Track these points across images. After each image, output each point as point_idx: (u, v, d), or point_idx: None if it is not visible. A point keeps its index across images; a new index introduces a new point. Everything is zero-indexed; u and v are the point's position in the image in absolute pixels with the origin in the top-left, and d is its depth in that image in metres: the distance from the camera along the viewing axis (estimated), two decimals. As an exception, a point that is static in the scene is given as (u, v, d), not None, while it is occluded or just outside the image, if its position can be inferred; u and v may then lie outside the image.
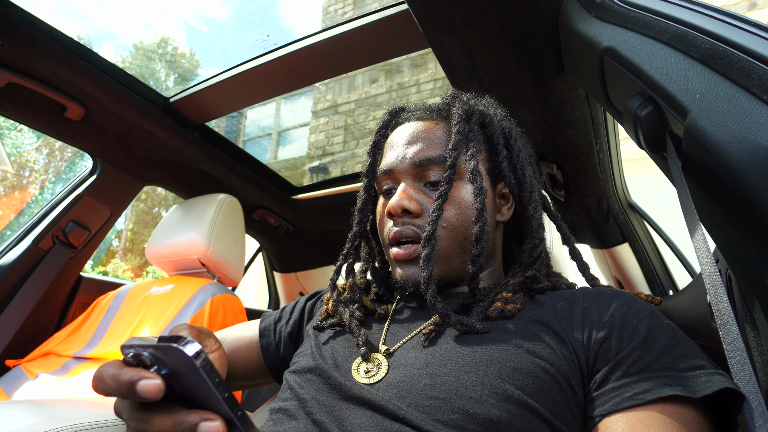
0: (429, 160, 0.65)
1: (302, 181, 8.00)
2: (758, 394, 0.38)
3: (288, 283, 2.34)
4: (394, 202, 0.63)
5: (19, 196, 12.25)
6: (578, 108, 0.99)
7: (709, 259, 0.43)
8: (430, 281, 0.58)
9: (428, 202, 0.64)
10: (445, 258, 0.62)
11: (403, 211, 0.64)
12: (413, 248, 0.63)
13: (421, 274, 0.58)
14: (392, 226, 0.65)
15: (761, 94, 0.39)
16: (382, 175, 0.69)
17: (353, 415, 0.50)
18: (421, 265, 0.59)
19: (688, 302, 0.98)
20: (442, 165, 0.64)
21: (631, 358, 0.47)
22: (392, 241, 0.65)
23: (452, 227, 0.62)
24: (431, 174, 0.65)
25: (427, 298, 0.57)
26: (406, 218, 0.64)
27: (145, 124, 1.41)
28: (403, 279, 0.63)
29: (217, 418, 0.33)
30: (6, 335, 1.31)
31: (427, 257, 0.59)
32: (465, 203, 0.63)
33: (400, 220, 0.64)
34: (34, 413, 0.65)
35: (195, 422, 0.33)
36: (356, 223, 0.71)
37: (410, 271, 0.63)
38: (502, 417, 0.45)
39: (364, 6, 8.23)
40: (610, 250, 1.60)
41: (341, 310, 0.66)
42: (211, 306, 1.25)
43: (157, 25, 27.56)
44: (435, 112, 0.71)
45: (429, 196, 0.65)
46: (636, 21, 0.57)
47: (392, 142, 0.70)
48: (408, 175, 0.66)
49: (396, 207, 0.63)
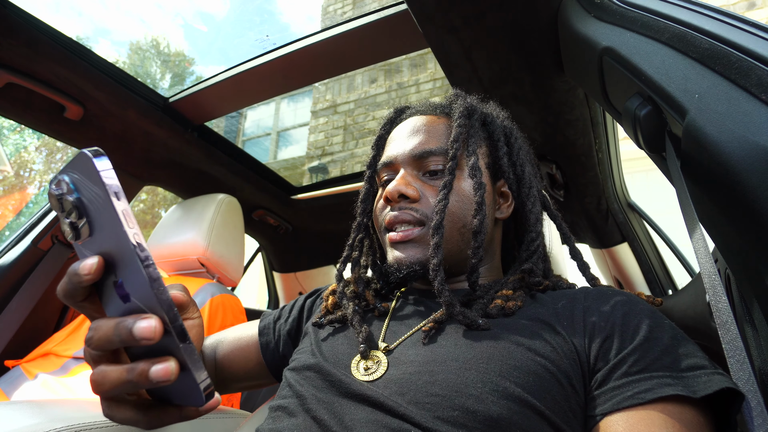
0: (429, 152, 0.66)
1: (301, 181, 8.00)
2: (757, 394, 0.38)
3: (287, 283, 2.34)
4: (391, 187, 0.64)
5: (18, 196, 12.25)
6: (577, 108, 0.99)
7: (708, 258, 0.43)
8: (438, 269, 0.58)
9: (426, 190, 0.65)
10: (445, 243, 0.63)
11: (400, 196, 0.64)
12: (410, 230, 0.63)
13: (431, 261, 0.59)
14: (389, 211, 0.65)
15: (760, 93, 0.40)
16: (382, 167, 0.70)
17: (353, 411, 0.50)
18: (431, 253, 0.59)
19: (688, 302, 0.98)
20: (441, 156, 0.65)
21: (632, 358, 0.47)
22: (388, 226, 0.66)
23: (451, 214, 0.63)
24: (430, 164, 0.66)
25: (434, 285, 0.57)
26: (403, 203, 0.64)
27: (145, 124, 1.41)
28: (397, 260, 0.63)
29: (150, 317, 0.33)
30: (5, 335, 1.31)
31: (436, 245, 0.59)
32: (465, 194, 0.64)
33: (396, 205, 0.65)
34: (33, 414, 0.65)
35: (130, 324, 0.33)
36: (359, 213, 0.73)
37: (404, 252, 0.63)
38: (502, 414, 0.45)
39: (363, 6, 8.23)
40: (609, 249, 1.60)
41: (345, 304, 0.66)
42: (210, 306, 1.25)
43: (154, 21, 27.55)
44: (437, 108, 0.73)
45: (428, 184, 0.66)
46: (635, 21, 0.57)
47: (394, 136, 0.72)
48: (407, 165, 0.67)
49: (393, 192, 0.64)
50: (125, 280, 0.34)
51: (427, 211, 0.63)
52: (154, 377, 0.33)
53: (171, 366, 0.33)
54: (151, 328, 0.32)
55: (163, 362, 0.33)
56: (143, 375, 0.33)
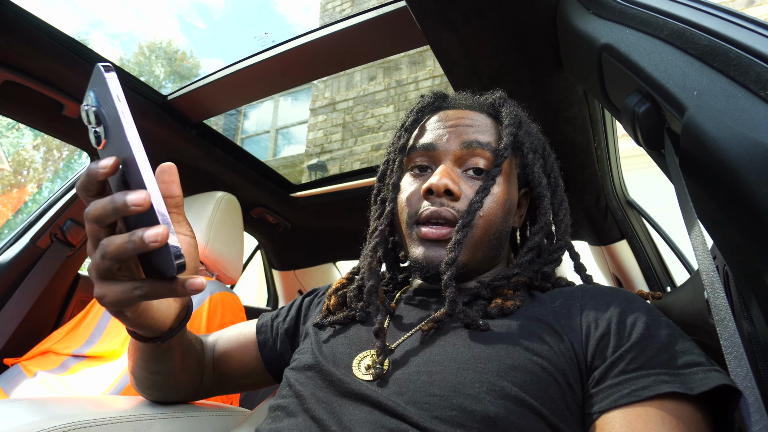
0: (479, 143, 0.64)
1: (300, 179, 7.99)
2: (755, 390, 0.38)
3: (287, 281, 2.34)
4: (436, 181, 0.61)
5: (16, 194, 12.22)
6: (576, 105, 0.99)
7: (707, 255, 0.43)
8: (452, 264, 0.58)
9: (467, 189, 0.64)
10: (473, 246, 0.62)
11: (446, 191, 0.62)
12: (446, 230, 0.61)
13: (447, 255, 0.58)
14: (428, 204, 0.63)
15: (759, 90, 0.39)
16: (420, 150, 0.67)
17: (352, 411, 0.50)
18: (449, 247, 0.59)
19: (686, 299, 0.98)
20: (489, 153, 0.64)
21: (629, 356, 0.47)
22: (424, 220, 0.63)
23: (487, 219, 0.62)
24: (474, 161, 0.65)
25: (443, 279, 0.57)
26: (444, 199, 0.62)
27: (143, 121, 1.40)
28: (426, 260, 0.61)
29: (141, 191, 0.37)
30: (4, 334, 1.31)
31: (458, 242, 0.58)
32: (500, 200, 0.64)
33: (438, 200, 0.62)
34: (32, 411, 0.65)
35: (123, 196, 0.37)
36: (389, 200, 0.68)
37: (436, 252, 0.61)
38: (499, 414, 0.45)
39: (362, 3, 8.21)
40: (608, 247, 1.60)
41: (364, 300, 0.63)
42: (209, 304, 1.25)
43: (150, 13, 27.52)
44: (484, 105, 0.71)
45: (466, 183, 0.64)
46: (634, 18, 0.57)
47: (435, 123, 0.69)
48: (451, 155, 0.65)
49: (440, 185, 0.61)
50: (128, 174, 0.40)
51: (463, 210, 0.62)
52: (148, 238, 0.37)
53: (161, 229, 0.37)
54: (142, 198, 0.37)
55: (156, 228, 0.37)
56: (140, 238, 0.37)
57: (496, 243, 0.65)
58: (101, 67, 0.39)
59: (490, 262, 0.67)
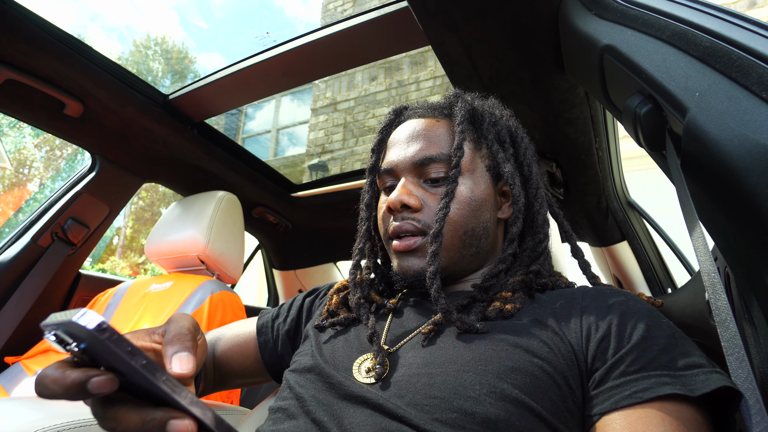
0: (430, 159, 0.65)
1: (301, 179, 7.99)
2: (756, 392, 0.38)
3: (287, 281, 2.35)
4: (393, 197, 0.64)
5: (17, 192, 12.24)
6: (578, 106, 0.99)
7: (708, 257, 0.43)
8: (435, 277, 0.58)
9: (428, 198, 0.65)
10: (446, 251, 0.63)
11: (402, 206, 0.64)
12: (412, 240, 0.63)
13: (428, 269, 0.59)
14: (392, 221, 0.65)
15: (760, 92, 0.39)
16: (383, 174, 0.70)
17: (352, 413, 0.50)
18: (428, 261, 0.59)
19: (687, 300, 0.98)
20: (443, 163, 0.65)
21: (629, 357, 0.47)
22: (392, 235, 0.66)
23: (452, 222, 0.63)
24: (431, 171, 0.65)
25: (431, 293, 0.57)
26: (405, 213, 0.64)
27: (144, 121, 1.41)
28: (402, 270, 0.64)
29: (185, 417, 0.32)
30: (5, 332, 1.31)
31: (434, 253, 0.59)
32: (465, 199, 0.64)
33: (399, 215, 0.65)
34: (33, 410, 0.65)
35: (164, 419, 0.33)
36: (365, 219, 0.72)
37: (409, 262, 0.64)
38: (499, 416, 0.45)
39: (363, 3, 8.21)
40: (609, 248, 1.60)
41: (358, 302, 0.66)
42: (210, 303, 1.25)
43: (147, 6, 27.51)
44: (437, 110, 0.71)
45: (429, 192, 0.65)
46: (636, 19, 0.57)
47: (394, 140, 0.70)
48: (408, 172, 0.67)
49: (395, 202, 0.64)
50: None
51: (429, 220, 0.63)
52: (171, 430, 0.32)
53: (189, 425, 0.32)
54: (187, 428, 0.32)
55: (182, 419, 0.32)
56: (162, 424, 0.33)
57: (472, 241, 0.64)
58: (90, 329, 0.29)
59: (475, 259, 0.66)
